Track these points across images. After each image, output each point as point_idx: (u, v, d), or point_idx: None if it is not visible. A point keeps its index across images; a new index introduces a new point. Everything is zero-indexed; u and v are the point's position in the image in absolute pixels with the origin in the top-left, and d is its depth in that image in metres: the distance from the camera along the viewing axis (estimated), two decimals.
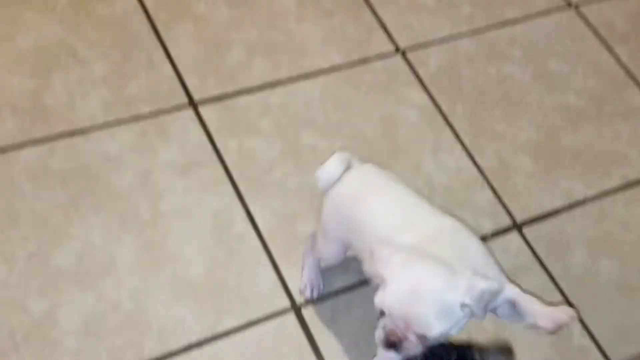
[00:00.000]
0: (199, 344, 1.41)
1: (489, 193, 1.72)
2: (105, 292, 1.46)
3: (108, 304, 1.45)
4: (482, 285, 1.04)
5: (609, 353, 1.51)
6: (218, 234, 1.55)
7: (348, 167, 1.28)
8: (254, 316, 1.46)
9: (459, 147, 1.79)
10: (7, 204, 1.54)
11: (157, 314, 1.44)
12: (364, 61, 1.90)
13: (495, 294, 1.05)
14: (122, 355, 1.39)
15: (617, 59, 2.03)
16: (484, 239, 1.63)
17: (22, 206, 1.54)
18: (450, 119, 1.83)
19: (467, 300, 1.02)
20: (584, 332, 1.53)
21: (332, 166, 1.27)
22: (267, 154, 1.68)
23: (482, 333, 1.34)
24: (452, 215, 1.22)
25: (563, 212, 1.72)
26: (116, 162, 1.62)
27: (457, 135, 1.81)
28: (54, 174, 1.59)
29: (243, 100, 1.77)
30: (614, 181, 1.79)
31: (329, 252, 1.35)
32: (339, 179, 1.27)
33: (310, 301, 1.47)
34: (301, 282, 1.47)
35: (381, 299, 1.04)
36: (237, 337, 1.43)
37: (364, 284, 1.52)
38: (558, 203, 1.74)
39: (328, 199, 1.29)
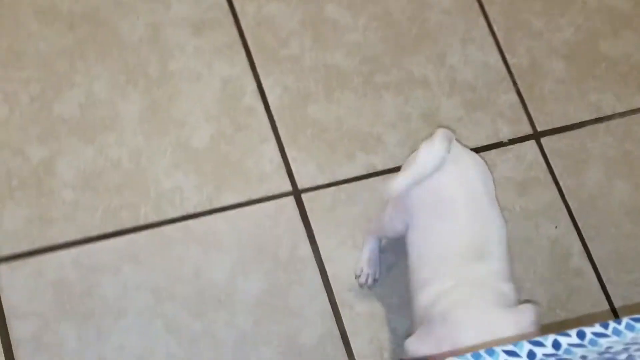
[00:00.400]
0: (196, 215, 1.40)
1: (513, 96, 1.64)
2: (106, 147, 1.42)
3: (108, 160, 1.42)
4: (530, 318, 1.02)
5: (604, 278, 1.49)
6: (226, 103, 1.49)
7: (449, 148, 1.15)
8: (253, 195, 1.43)
9: (490, 40, 1.68)
10: (12, 42, 1.47)
11: (156, 178, 1.41)
12: None
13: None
14: (117, 215, 1.38)
15: None
16: (499, 145, 1.57)
17: (27, 46, 1.48)
18: (487, 8, 1.71)
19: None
20: (584, 254, 1.51)
21: (438, 147, 1.14)
22: (286, 23, 1.59)
23: None
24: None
25: (586, 126, 1.64)
26: (127, 9, 1.53)
27: (490, 27, 1.69)
28: (63, 15, 1.51)
29: None
30: None
31: (391, 227, 1.25)
32: (440, 162, 1.14)
33: (364, 287, 1.39)
34: (357, 265, 1.37)
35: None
36: (234, 214, 1.41)
37: (370, 176, 1.48)
38: (583, 115, 1.66)
39: (428, 179, 1.15)
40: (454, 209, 1.12)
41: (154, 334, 1.29)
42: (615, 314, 1.46)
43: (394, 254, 1.42)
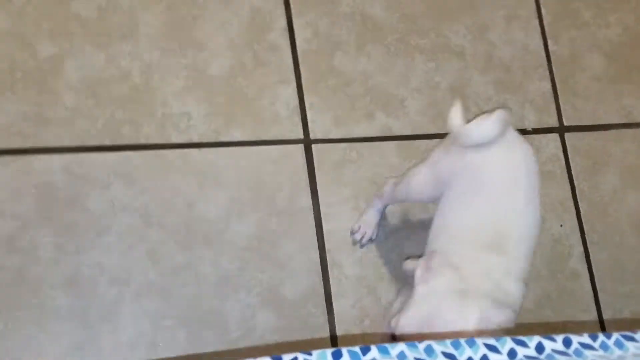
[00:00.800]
0: (200, 145, 1.34)
1: (546, 84, 1.57)
2: (119, 57, 1.35)
3: (118, 70, 1.35)
4: (496, 320, 0.95)
5: (598, 286, 1.46)
6: (251, 35, 1.42)
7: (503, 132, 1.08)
8: (262, 135, 1.37)
9: (535, 23, 1.61)
10: None
11: (165, 99, 1.35)
12: None
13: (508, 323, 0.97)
14: (118, 129, 1.32)
15: None
16: (522, 132, 1.51)
17: None
18: None
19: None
20: (583, 258, 1.47)
21: (490, 127, 1.06)
22: None
23: None
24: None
25: (613, 130, 1.58)
26: None
27: (538, 9, 1.62)
28: None
29: None
30: None
31: (420, 191, 1.18)
32: (487, 141, 1.07)
33: (359, 245, 1.34)
34: (356, 222, 1.33)
35: (396, 323, 0.96)
36: (239, 151, 1.35)
37: (384, 139, 1.42)
38: (613, 118, 1.60)
39: (471, 151, 1.08)
40: (488, 192, 1.06)
41: (134, 258, 1.24)
42: (602, 324, 1.43)
43: (394, 223, 1.37)
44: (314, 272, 1.31)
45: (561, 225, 1.48)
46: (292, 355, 0.69)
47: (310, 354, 0.69)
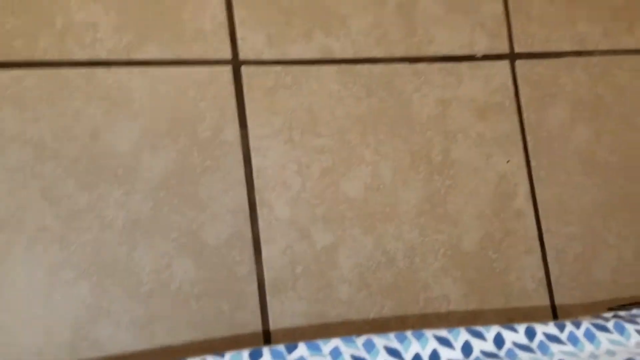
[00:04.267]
0: (108, 63, 1.14)
1: (499, 7, 1.43)
2: None
3: None
4: None
5: (543, 226, 1.37)
6: None
7: None
8: (183, 54, 1.18)
9: None
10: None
11: (66, 5, 1.13)
12: None
13: None
14: (8, 42, 1.10)
15: None
16: (471, 58, 1.38)
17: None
18: None
19: None
20: (529, 196, 1.37)
21: None
22: None
23: None
24: None
25: (565, 57, 1.47)
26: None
27: None
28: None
29: None
30: (632, 42, 1.53)
31: None
32: None
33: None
34: None
35: None
36: (155, 72, 1.16)
37: (323, 63, 1.26)
38: (565, 45, 1.48)
39: None
40: None
41: (26, 198, 1.05)
42: (546, 265, 1.35)
43: (329, 158, 1.23)
44: (241, 215, 1.16)
45: (508, 161, 1.38)
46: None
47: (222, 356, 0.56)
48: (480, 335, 0.66)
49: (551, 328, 0.69)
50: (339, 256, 1.21)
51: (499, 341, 0.67)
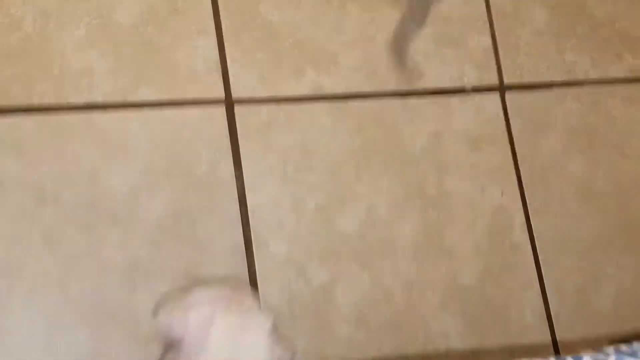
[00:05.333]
0: (104, 107, 1.16)
1: (487, 39, 1.45)
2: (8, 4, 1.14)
3: (8, 18, 1.14)
4: None
5: (541, 258, 1.37)
6: None
7: None
8: (177, 95, 1.20)
9: None
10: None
11: (63, 51, 1.15)
12: None
13: None
14: (4, 88, 1.11)
15: None
16: (461, 90, 1.40)
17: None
18: None
19: None
20: (525, 228, 1.38)
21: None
22: None
23: None
24: None
25: (555, 88, 1.49)
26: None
27: None
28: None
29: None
30: (621, 70, 1.55)
31: None
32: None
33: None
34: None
35: None
36: (150, 114, 1.18)
37: (315, 99, 1.28)
38: (555, 75, 1.50)
39: None
40: None
41: (27, 244, 1.06)
42: (546, 299, 1.35)
43: (324, 197, 1.24)
44: (238, 253, 1.17)
45: (502, 194, 1.39)
46: None
47: None
48: None
49: None
50: (337, 293, 1.21)
51: None
